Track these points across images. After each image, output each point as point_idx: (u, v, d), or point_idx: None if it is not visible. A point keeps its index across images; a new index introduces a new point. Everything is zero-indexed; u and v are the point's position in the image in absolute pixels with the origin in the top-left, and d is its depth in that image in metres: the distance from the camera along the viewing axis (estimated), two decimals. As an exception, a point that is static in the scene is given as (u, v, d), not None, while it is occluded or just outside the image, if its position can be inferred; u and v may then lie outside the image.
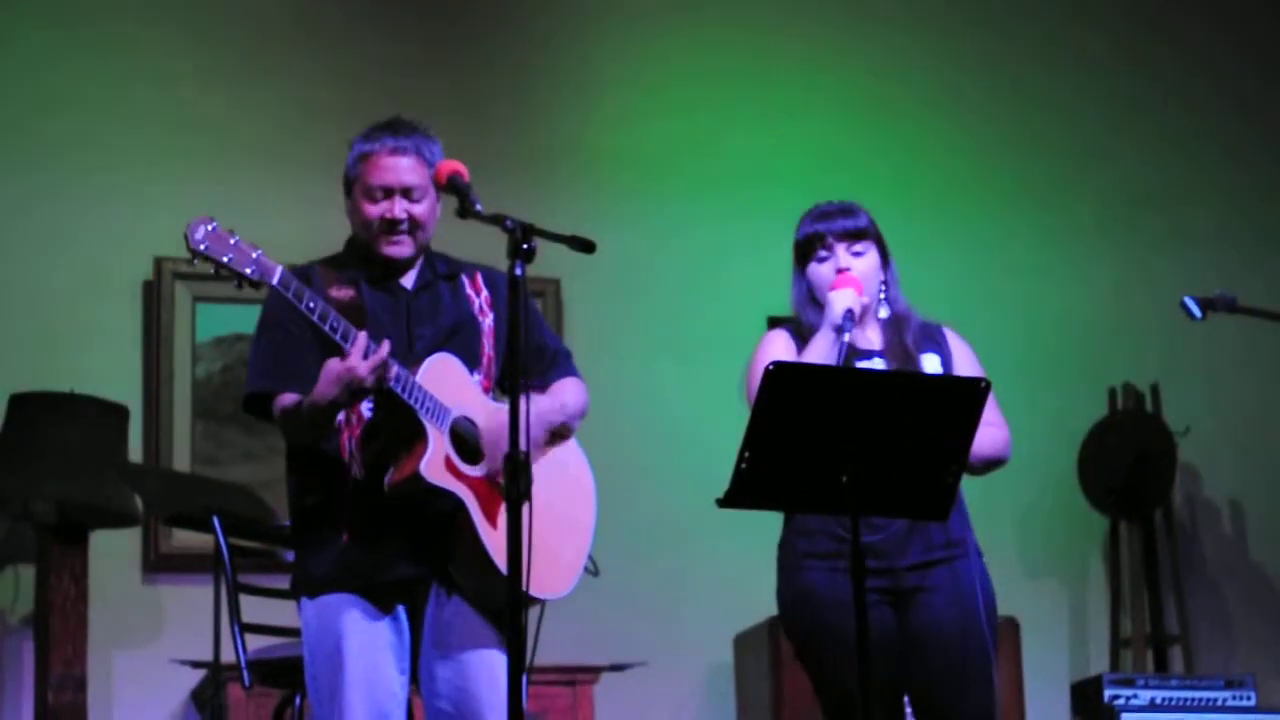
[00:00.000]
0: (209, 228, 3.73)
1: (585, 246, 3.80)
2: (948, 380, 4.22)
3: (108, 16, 6.63)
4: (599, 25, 7.25)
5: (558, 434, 4.13)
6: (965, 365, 4.49)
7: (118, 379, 6.29)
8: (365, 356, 3.77)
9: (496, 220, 3.74)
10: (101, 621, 6.03)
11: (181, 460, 6.37)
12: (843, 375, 4.03)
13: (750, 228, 7.12)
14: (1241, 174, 7.82)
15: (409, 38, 6.98)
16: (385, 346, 3.78)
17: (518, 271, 3.66)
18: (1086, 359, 7.41)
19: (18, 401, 5.98)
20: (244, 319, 6.42)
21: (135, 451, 6.25)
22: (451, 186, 3.92)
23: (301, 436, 3.96)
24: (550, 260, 4.02)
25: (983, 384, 3.95)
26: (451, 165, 3.94)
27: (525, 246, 3.68)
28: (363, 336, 3.79)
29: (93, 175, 6.47)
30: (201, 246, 3.72)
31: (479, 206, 3.87)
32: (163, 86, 6.62)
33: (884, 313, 4.47)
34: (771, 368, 3.80)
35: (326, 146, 6.55)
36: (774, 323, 6.95)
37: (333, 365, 3.78)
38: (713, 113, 7.23)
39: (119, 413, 6.08)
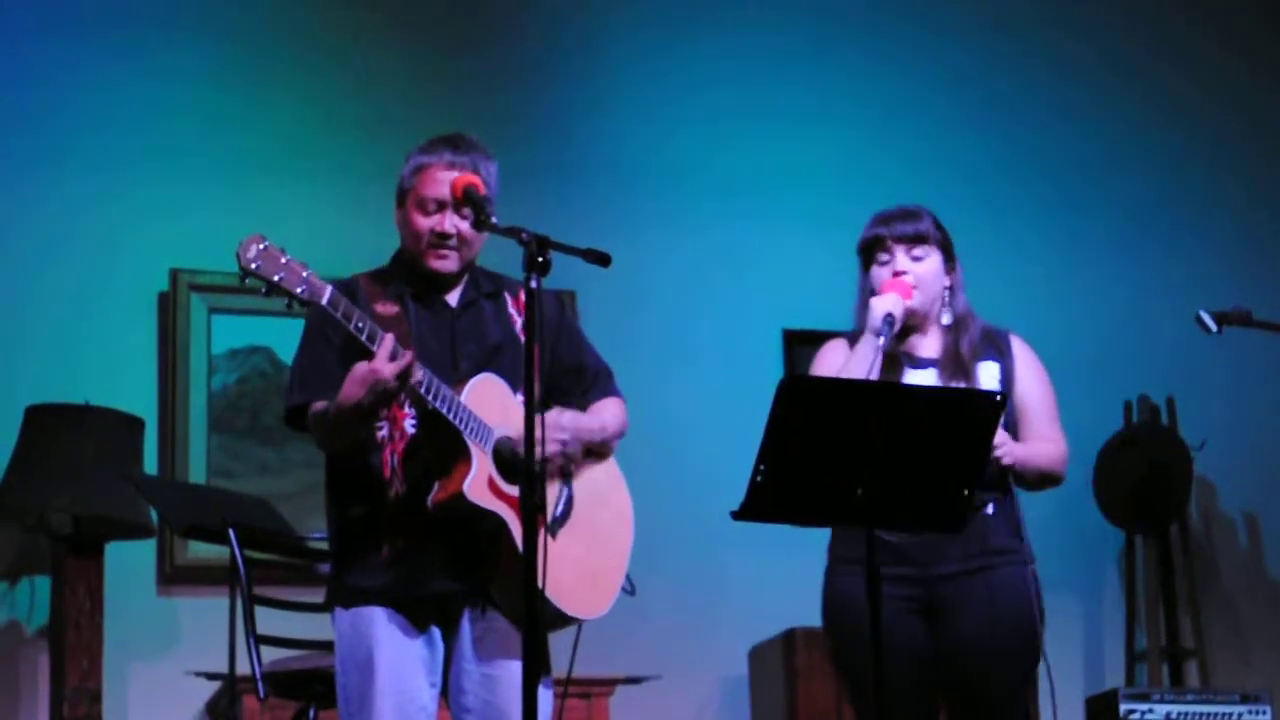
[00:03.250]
0: (260, 246, 3.71)
1: (601, 260, 3.80)
2: (962, 394, 4.21)
3: (124, 30, 6.63)
4: (613, 36, 7.24)
5: (595, 452, 4.15)
6: (1026, 374, 4.46)
7: (133, 391, 6.29)
8: (393, 359, 3.77)
9: (512, 233, 3.75)
10: (116, 633, 6.03)
11: (197, 472, 6.37)
12: (858, 389, 4.03)
13: (767, 240, 7.12)
14: (1258, 187, 7.81)
15: (424, 49, 6.98)
16: (410, 354, 3.79)
17: (533, 284, 3.67)
18: (1102, 372, 7.40)
19: (33, 413, 5.98)
20: (260, 331, 6.47)
21: (150, 463, 6.25)
22: (467, 198, 3.93)
23: (330, 440, 3.97)
24: (566, 273, 4.02)
25: (997, 398, 3.95)
26: (467, 178, 3.95)
27: (540, 259, 3.69)
28: (389, 338, 3.79)
29: (108, 187, 6.47)
30: (254, 265, 3.71)
31: (494, 219, 3.88)
32: (179, 99, 6.62)
33: (947, 319, 4.45)
34: (785, 381, 3.80)
35: (343, 159, 6.65)
36: (789, 335, 7.08)
37: (359, 368, 3.79)
38: (729, 122, 7.23)
39: (134, 424, 6.08)
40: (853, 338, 4.45)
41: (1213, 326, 5.11)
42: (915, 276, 4.39)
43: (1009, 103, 7.59)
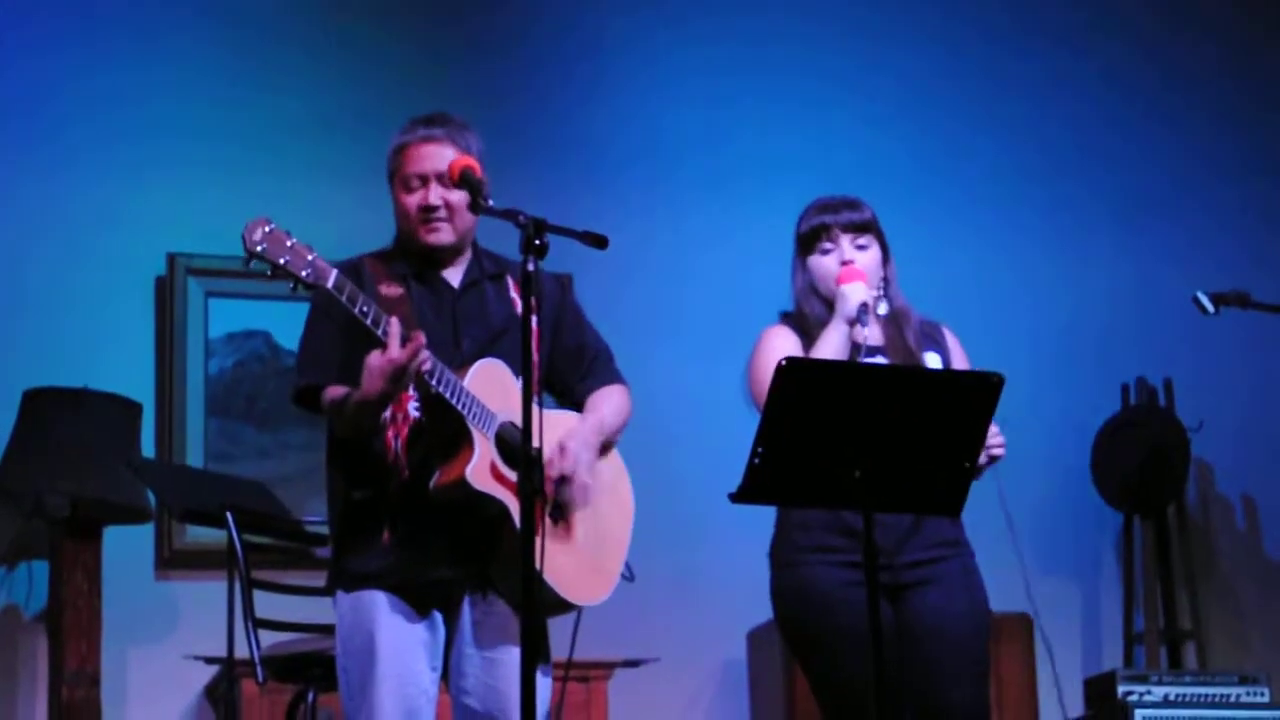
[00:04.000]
0: (266, 229, 3.71)
1: (598, 242, 3.80)
2: (962, 375, 4.21)
3: (124, 15, 6.62)
4: (613, 19, 7.23)
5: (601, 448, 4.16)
6: (961, 366, 4.47)
7: (131, 375, 6.29)
8: (402, 344, 3.77)
9: (509, 215, 3.75)
10: (115, 617, 6.03)
11: (194, 456, 6.37)
12: (856, 370, 4.03)
13: (765, 223, 7.06)
14: (1255, 169, 7.79)
15: (421, 37, 6.97)
16: (420, 334, 3.79)
17: (530, 266, 3.67)
18: (1099, 354, 7.40)
19: (31, 397, 5.98)
20: (257, 315, 6.47)
21: (148, 447, 6.25)
22: (464, 181, 3.93)
23: (348, 429, 3.97)
24: (562, 256, 4.02)
25: (995, 379, 3.94)
26: (463, 160, 3.95)
27: (538, 242, 3.69)
28: (395, 324, 3.79)
29: (106, 171, 6.46)
30: (259, 248, 3.70)
31: (491, 201, 3.88)
32: (177, 85, 6.61)
33: (883, 309, 4.45)
34: (784, 363, 3.79)
35: (341, 143, 6.64)
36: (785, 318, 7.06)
37: (374, 360, 3.78)
38: (728, 107, 7.21)
39: (132, 408, 6.08)
40: (794, 322, 4.45)
41: (1210, 308, 5.13)
42: (861, 265, 4.40)
43: (1000, 92, 7.57)
